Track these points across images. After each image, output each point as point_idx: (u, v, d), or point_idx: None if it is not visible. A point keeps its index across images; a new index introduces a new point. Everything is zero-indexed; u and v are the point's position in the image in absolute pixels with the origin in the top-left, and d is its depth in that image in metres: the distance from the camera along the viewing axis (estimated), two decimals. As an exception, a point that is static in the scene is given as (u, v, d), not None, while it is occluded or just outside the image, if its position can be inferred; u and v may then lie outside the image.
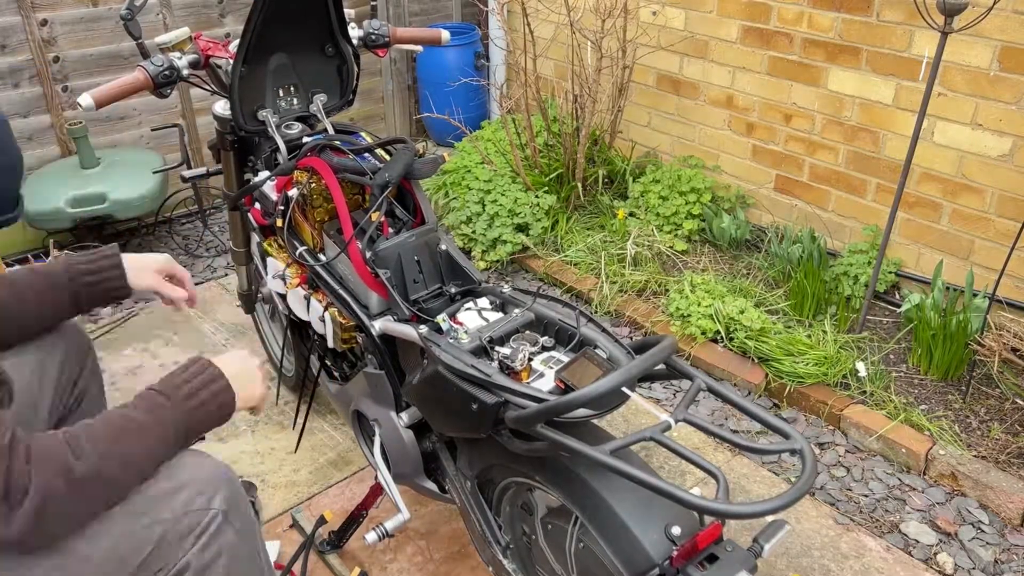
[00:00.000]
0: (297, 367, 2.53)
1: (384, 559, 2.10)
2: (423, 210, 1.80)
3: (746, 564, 1.22)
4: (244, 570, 1.41)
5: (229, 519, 1.36)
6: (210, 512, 1.33)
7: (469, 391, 1.39)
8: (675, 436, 2.47)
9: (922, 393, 2.60)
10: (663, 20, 3.55)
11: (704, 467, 1.17)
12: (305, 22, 1.90)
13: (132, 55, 3.55)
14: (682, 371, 1.35)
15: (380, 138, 1.92)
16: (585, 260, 3.30)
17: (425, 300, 1.72)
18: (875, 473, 2.39)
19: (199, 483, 1.33)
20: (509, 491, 1.67)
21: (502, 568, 1.69)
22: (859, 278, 2.94)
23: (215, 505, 1.34)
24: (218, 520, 1.34)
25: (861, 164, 3.05)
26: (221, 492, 1.36)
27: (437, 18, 4.57)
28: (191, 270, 3.48)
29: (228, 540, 1.36)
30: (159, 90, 1.91)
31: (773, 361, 2.66)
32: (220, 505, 1.34)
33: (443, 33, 2.28)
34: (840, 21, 2.94)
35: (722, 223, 3.37)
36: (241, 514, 1.39)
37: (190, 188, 3.70)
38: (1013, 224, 2.65)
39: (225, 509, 1.35)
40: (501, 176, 3.53)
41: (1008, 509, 2.21)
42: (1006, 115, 2.60)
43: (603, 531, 1.33)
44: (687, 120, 3.64)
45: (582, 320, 1.49)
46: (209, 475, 1.35)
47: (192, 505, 1.31)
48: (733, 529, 2.16)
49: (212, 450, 2.34)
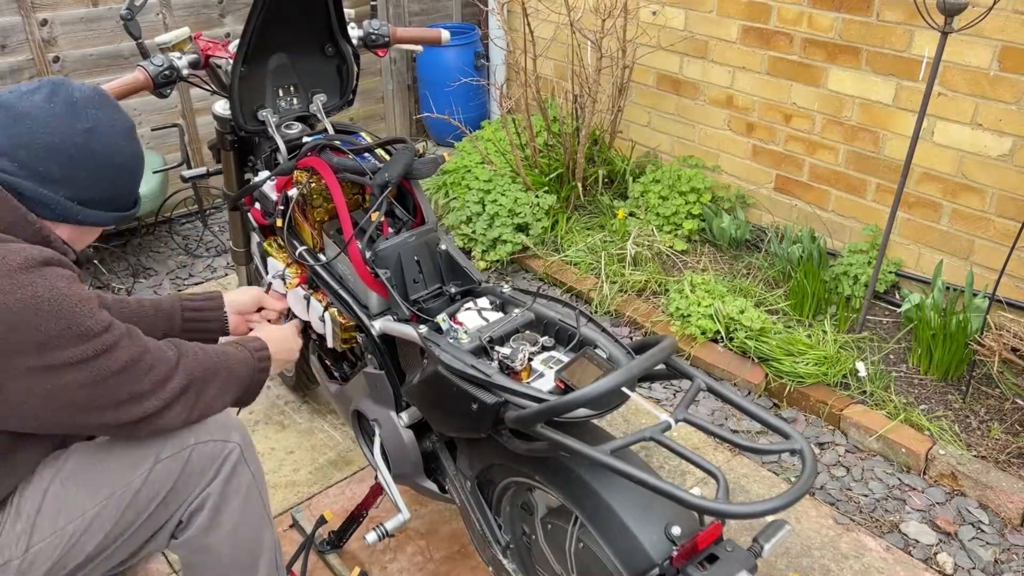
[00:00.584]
0: (297, 367, 2.53)
1: (384, 559, 2.10)
2: (423, 210, 1.80)
3: (746, 564, 1.22)
4: (259, 515, 1.53)
5: (246, 458, 1.48)
6: (229, 444, 1.46)
7: (469, 391, 1.39)
8: (675, 436, 2.47)
9: (922, 393, 2.60)
10: (663, 20, 3.55)
11: (704, 467, 1.17)
12: (305, 22, 1.90)
13: (132, 55, 3.55)
14: (682, 371, 1.35)
15: (380, 138, 1.92)
16: (585, 260, 3.30)
17: (425, 300, 1.72)
18: (875, 473, 2.39)
19: (218, 421, 1.47)
20: (509, 491, 1.67)
21: (502, 568, 1.69)
22: (859, 278, 2.94)
23: (234, 439, 1.47)
24: (236, 453, 1.47)
25: (861, 164, 3.05)
26: (238, 431, 1.49)
27: (437, 18, 4.57)
28: (191, 270, 3.49)
29: (245, 480, 1.49)
30: (159, 90, 1.91)
31: (773, 361, 2.66)
32: (239, 440, 1.48)
33: (443, 33, 2.28)
34: (840, 21, 2.94)
35: (722, 223, 3.37)
36: (254, 460, 1.52)
37: (190, 188, 3.70)
38: (1013, 224, 2.65)
39: (243, 446, 1.48)
40: (501, 176, 3.53)
41: (1008, 509, 2.21)
42: (1006, 115, 2.60)
43: (603, 531, 1.33)
44: (687, 120, 3.64)
45: (582, 320, 1.49)
46: (225, 416, 1.49)
47: (215, 435, 1.45)
48: (733, 529, 2.16)
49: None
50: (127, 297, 1.71)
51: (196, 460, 1.42)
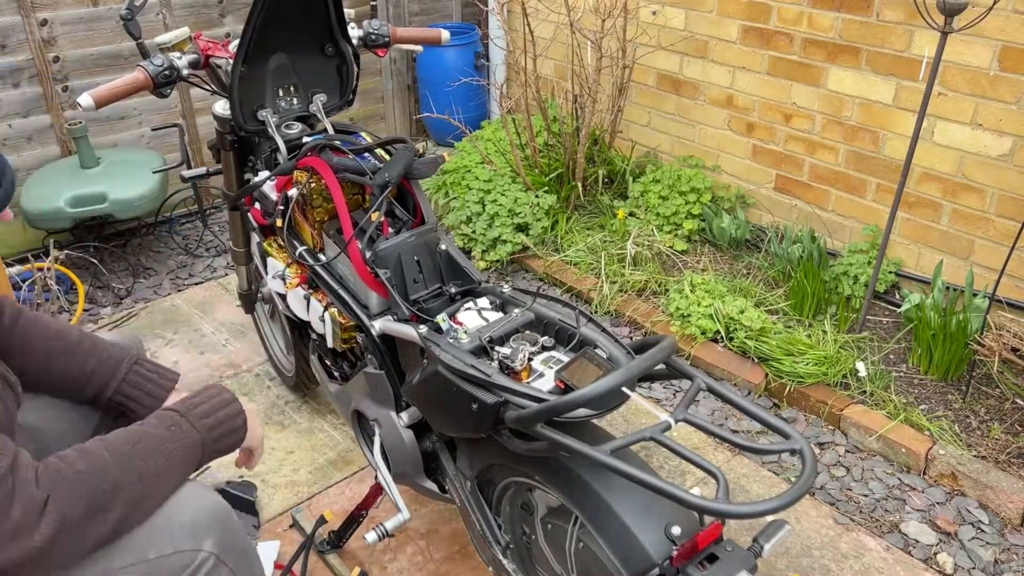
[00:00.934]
0: (297, 367, 2.53)
1: (384, 559, 2.10)
2: (423, 210, 1.80)
3: (746, 564, 1.22)
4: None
5: (222, 559, 1.30)
6: (200, 555, 1.27)
7: (469, 391, 1.39)
8: (675, 436, 2.47)
9: (922, 393, 2.60)
10: (663, 20, 3.55)
11: (704, 467, 1.17)
12: (305, 22, 1.90)
13: (132, 55, 3.55)
14: (682, 371, 1.35)
15: (380, 138, 1.92)
16: (585, 260, 3.30)
17: (425, 300, 1.72)
18: (875, 473, 2.39)
19: (186, 523, 1.27)
20: (509, 491, 1.67)
21: (502, 568, 1.69)
22: (859, 278, 2.94)
23: (206, 547, 1.28)
24: (210, 563, 1.28)
25: (861, 164, 3.05)
26: (213, 534, 1.30)
27: (437, 18, 4.57)
28: (191, 270, 3.49)
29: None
30: (159, 90, 1.91)
31: (773, 361, 2.66)
32: (211, 548, 1.28)
33: (443, 33, 2.28)
34: (840, 21, 2.94)
35: (722, 223, 3.37)
36: (237, 552, 1.34)
37: (190, 188, 3.70)
38: (1013, 224, 2.65)
39: (217, 552, 1.29)
40: (501, 176, 3.53)
41: (1008, 509, 2.21)
42: (1006, 115, 2.60)
43: (603, 531, 1.33)
44: (687, 120, 3.64)
45: (582, 320, 1.49)
46: (201, 515, 1.29)
47: (180, 543, 1.25)
48: (733, 529, 2.16)
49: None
50: (65, 329, 1.51)
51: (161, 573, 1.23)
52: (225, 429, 1.34)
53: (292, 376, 2.62)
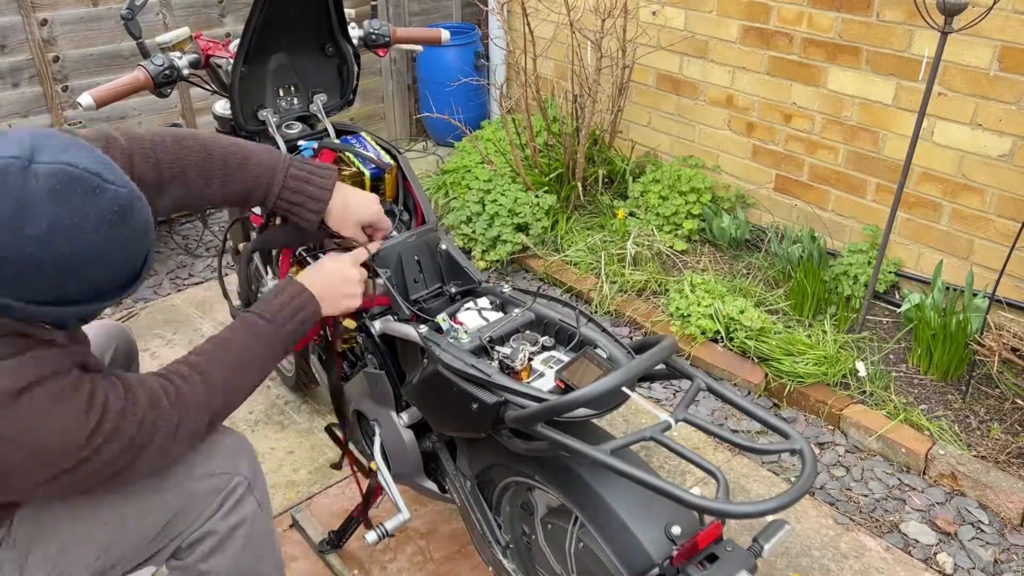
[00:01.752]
0: (297, 367, 2.53)
1: (384, 559, 2.10)
2: (423, 210, 1.80)
3: (746, 564, 1.22)
4: (262, 542, 1.47)
5: (252, 488, 1.41)
6: (236, 478, 1.38)
7: (469, 391, 1.39)
8: (675, 436, 2.47)
9: (922, 393, 2.61)
10: (663, 20, 3.55)
11: (704, 467, 1.17)
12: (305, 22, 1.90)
13: (132, 55, 3.55)
14: (682, 371, 1.35)
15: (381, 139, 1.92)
16: (585, 260, 3.30)
17: (425, 300, 1.72)
18: (875, 473, 2.39)
19: (226, 449, 1.38)
20: (509, 491, 1.67)
21: (502, 568, 1.69)
22: (859, 278, 2.94)
23: (241, 471, 1.39)
24: (243, 487, 1.39)
25: (861, 164, 3.05)
26: (246, 459, 1.41)
27: (437, 18, 4.57)
28: (191, 270, 3.49)
29: (250, 510, 1.42)
30: (159, 90, 1.91)
31: (773, 361, 2.66)
32: (246, 472, 1.39)
33: (443, 33, 2.28)
34: (840, 21, 2.94)
35: (722, 223, 3.37)
36: (261, 485, 1.45)
37: (190, 188, 3.70)
38: (1013, 224, 2.65)
39: (250, 477, 1.40)
40: (501, 176, 3.53)
41: (1008, 509, 2.21)
42: (1006, 115, 2.60)
43: (603, 531, 1.33)
44: (687, 120, 3.64)
45: (582, 320, 1.49)
46: (234, 442, 1.41)
47: (219, 468, 1.36)
48: (733, 529, 2.16)
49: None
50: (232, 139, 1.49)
51: (200, 494, 1.36)
52: (305, 327, 1.45)
53: (292, 376, 2.62)
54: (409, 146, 4.67)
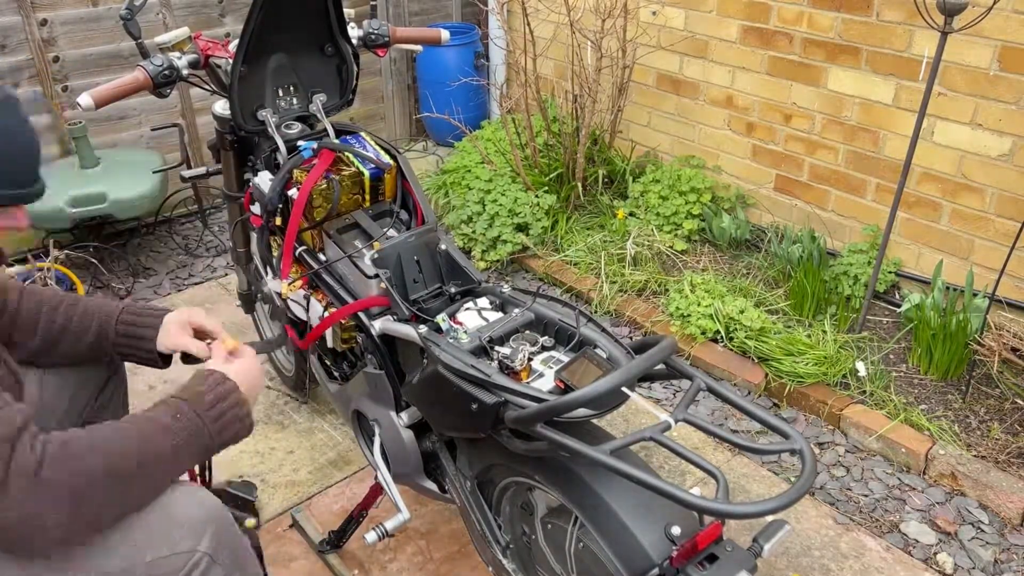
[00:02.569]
0: (297, 367, 2.53)
1: (384, 559, 2.10)
2: (423, 210, 1.80)
3: (746, 564, 1.22)
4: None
5: (215, 559, 1.30)
6: (195, 555, 1.27)
7: (469, 391, 1.39)
8: (675, 436, 2.47)
9: (922, 393, 2.60)
10: (663, 20, 3.55)
11: (704, 467, 1.17)
12: (305, 22, 1.90)
13: (132, 55, 3.55)
14: (682, 371, 1.35)
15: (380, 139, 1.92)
16: (585, 260, 3.30)
17: (425, 300, 1.72)
18: (875, 473, 2.39)
19: (183, 522, 1.26)
20: (509, 491, 1.67)
21: (502, 568, 1.69)
22: (859, 278, 2.94)
23: (201, 545, 1.27)
24: (205, 562, 1.28)
25: (861, 164, 3.05)
26: (209, 531, 1.29)
27: (437, 18, 4.57)
28: (191, 270, 3.49)
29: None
30: (159, 90, 1.91)
31: (773, 361, 2.66)
32: (206, 545, 1.28)
33: (443, 33, 2.28)
34: (840, 21, 2.94)
35: (722, 223, 3.37)
36: (231, 551, 1.33)
37: (190, 188, 3.70)
38: (1013, 224, 2.65)
39: (211, 551, 1.29)
40: (501, 176, 3.53)
41: (1008, 509, 2.21)
42: (1006, 115, 2.60)
43: (603, 531, 1.33)
44: (687, 120, 3.64)
45: (582, 320, 1.49)
46: (197, 513, 1.29)
47: (178, 547, 1.25)
48: (733, 529, 2.16)
49: (212, 450, 2.33)
50: (61, 294, 1.57)
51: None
52: (232, 420, 1.32)
53: (292, 376, 2.62)
54: (409, 146, 4.67)
